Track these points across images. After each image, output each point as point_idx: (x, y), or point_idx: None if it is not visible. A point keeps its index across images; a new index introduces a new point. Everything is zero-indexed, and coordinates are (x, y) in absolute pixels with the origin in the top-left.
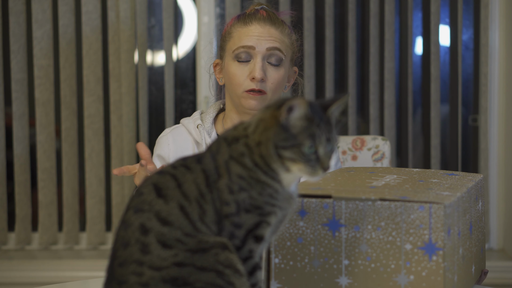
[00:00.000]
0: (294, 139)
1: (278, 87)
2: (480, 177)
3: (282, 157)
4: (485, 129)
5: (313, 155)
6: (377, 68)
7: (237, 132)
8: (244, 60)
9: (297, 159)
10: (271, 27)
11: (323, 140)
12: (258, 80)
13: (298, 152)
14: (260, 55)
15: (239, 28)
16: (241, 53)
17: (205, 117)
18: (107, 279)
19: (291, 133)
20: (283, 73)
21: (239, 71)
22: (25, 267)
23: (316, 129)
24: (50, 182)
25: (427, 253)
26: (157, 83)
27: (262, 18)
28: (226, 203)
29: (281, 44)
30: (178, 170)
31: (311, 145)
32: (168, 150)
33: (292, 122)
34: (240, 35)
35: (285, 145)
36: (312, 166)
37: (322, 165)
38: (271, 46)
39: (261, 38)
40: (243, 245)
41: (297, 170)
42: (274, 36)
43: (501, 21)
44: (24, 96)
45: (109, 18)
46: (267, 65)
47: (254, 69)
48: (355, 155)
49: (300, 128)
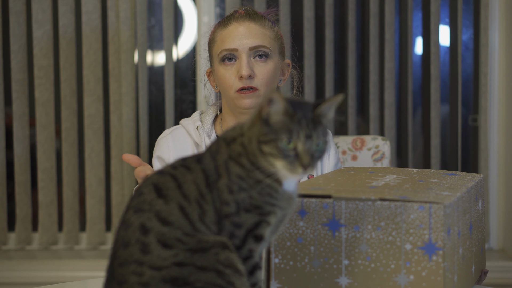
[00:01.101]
0: (273, 134)
1: (270, 81)
2: (480, 177)
3: (263, 152)
4: (485, 129)
5: (291, 151)
6: (377, 68)
7: (234, 132)
8: (231, 61)
9: (275, 154)
10: (250, 23)
11: (301, 136)
12: (246, 77)
13: (276, 146)
14: (244, 53)
15: (220, 31)
16: (225, 55)
17: (204, 118)
18: (107, 279)
19: (271, 128)
20: (272, 66)
21: (227, 73)
22: (25, 267)
23: (295, 125)
24: (50, 182)
25: (427, 253)
26: (157, 83)
27: (240, 16)
28: (226, 203)
29: (263, 38)
30: (178, 170)
31: (289, 141)
32: (168, 152)
33: (272, 116)
34: (222, 37)
35: (265, 140)
36: (291, 163)
37: (301, 161)
38: (253, 45)
39: (242, 37)
40: (243, 245)
41: (280, 166)
42: (255, 32)
43: (501, 21)
44: (24, 96)
45: (109, 18)
46: (253, 61)
47: (241, 67)
48: (355, 155)
49: (279, 123)
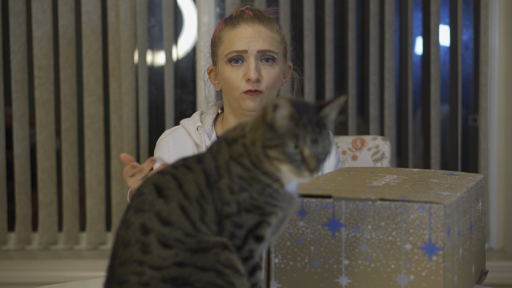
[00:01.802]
0: (279, 139)
1: (274, 85)
2: (480, 177)
3: (269, 156)
4: (485, 129)
5: (298, 156)
6: (377, 68)
7: (236, 132)
8: (238, 62)
9: (282, 159)
10: (260, 26)
11: (308, 141)
12: (254, 81)
13: (282, 152)
14: (252, 56)
15: (228, 31)
16: (234, 57)
17: (205, 118)
18: (107, 279)
19: (277, 133)
20: (278, 70)
21: (234, 75)
22: (25, 267)
23: (301, 130)
24: (50, 182)
25: (427, 253)
26: (157, 83)
27: (250, 18)
28: (227, 203)
29: (272, 42)
30: (179, 170)
31: (295, 146)
32: (168, 153)
33: (277, 121)
34: (231, 38)
35: (270, 145)
36: (297, 167)
37: (307, 166)
38: (262, 48)
39: (252, 40)
40: (244, 245)
41: (286, 170)
42: (264, 35)
43: (501, 21)
44: (24, 96)
45: (109, 18)
46: (260, 65)
47: (249, 70)
48: (355, 155)
49: (285, 128)
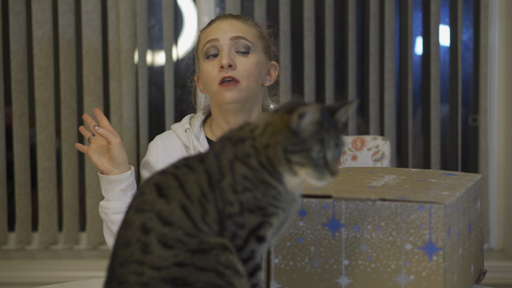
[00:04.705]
0: (304, 144)
1: (252, 75)
2: (478, 177)
3: (291, 161)
4: (485, 129)
5: (321, 160)
6: (377, 68)
7: (242, 132)
8: (213, 55)
9: (305, 163)
10: (233, 20)
11: (331, 145)
12: (226, 66)
13: (307, 156)
14: (225, 44)
15: (204, 31)
16: (208, 49)
17: (193, 121)
18: (107, 279)
19: (300, 138)
20: (254, 60)
21: (210, 67)
22: (25, 267)
23: (325, 134)
24: (50, 182)
25: (427, 253)
26: (157, 83)
27: (224, 16)
28: (230, 203)
29: (245, 32)
30: (180, 170)
31: (320, 150)
32: (156, 153)
33: (302, 127)
34: (206, 34)
35: (294, 150)
36: (320, 171)
37: (330, 169)
38: (234, 35)
39: (224, 30)
40: (245, 245)
41: (305, 174)
42: (237, 26)
43: (501, 21)
44: (24, 96)
45: (109, 18)
46: (235, 54)
47: (221, 57)
48: (355, 155)
49: (310, 132)
